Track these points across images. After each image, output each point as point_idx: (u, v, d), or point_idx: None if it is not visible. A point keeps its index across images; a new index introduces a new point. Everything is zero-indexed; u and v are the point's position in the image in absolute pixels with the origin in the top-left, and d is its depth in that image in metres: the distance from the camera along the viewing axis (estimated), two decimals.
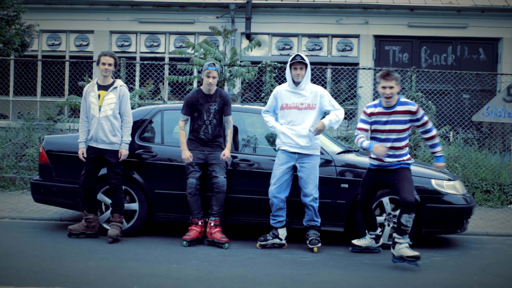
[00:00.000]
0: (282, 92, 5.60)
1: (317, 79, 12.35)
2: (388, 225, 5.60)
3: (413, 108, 5.03)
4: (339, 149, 6.06)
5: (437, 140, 5.13)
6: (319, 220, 5.55)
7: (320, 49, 13.64)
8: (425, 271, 4.92)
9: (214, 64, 5.64)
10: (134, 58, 13.72)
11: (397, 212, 5.55)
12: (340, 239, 5.99)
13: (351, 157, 5.89)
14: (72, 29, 13.90)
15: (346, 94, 12.27)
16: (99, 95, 5.66)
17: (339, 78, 12.23)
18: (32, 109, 12.34)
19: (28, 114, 11.08)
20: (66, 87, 13.48)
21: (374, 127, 5.10)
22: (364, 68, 10.41)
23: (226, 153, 5.60)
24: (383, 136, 5.06)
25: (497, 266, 5.18)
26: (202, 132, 5.66)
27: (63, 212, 6.99)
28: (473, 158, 8.98)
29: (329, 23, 13.39)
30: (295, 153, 5.48)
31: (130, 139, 5.76)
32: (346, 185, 5.67)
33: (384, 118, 5.04)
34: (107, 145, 5.63)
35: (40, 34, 13.29)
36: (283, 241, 5.59)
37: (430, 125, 5.10)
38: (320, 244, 5.48)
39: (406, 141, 5.10)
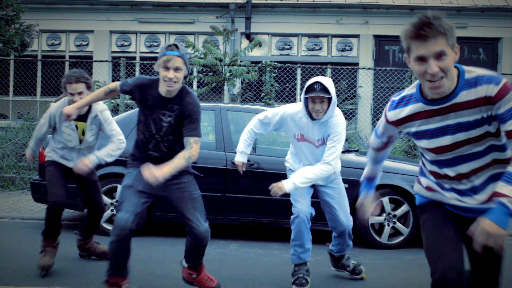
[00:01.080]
0: (294, 119, 4.13)
1: None
2: (388, 225, 5.60)
3: (494, 89, 2.25)
4: None
5: None
6: (352, 241, 4.49)
7: (320, 49, 13.64)
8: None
9: (176, 46, 3.34)
10: (134, 58, 13.72)
11: (397, 212, 5.55)
12: None
13: (351, 157, 5.89)
14: (72, 29, 13.90)
15: (346, 94, 12.29)
16: (76, 126, 4.47)
17: (339, 78, 12.24)
18: (32, 109, 12.34)
19: (28, 114, 11.09)
20: None
21: (419, 143, 2.48)
22: (364, 68, 10.43)
23: (163, 172, 3.17)
24: (444, 156, 2.42)
25: None
26: (153, 148, 3.58)
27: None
28: None
29: (329, 23, 13.39)
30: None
31: (107, 160, 4.35)
32: (346, 185, 5.65)
33: (433, 124, 2.37)
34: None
35: (40, 34, 13.28)
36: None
37: None
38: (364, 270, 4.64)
39: (493, 154, 2.38)
